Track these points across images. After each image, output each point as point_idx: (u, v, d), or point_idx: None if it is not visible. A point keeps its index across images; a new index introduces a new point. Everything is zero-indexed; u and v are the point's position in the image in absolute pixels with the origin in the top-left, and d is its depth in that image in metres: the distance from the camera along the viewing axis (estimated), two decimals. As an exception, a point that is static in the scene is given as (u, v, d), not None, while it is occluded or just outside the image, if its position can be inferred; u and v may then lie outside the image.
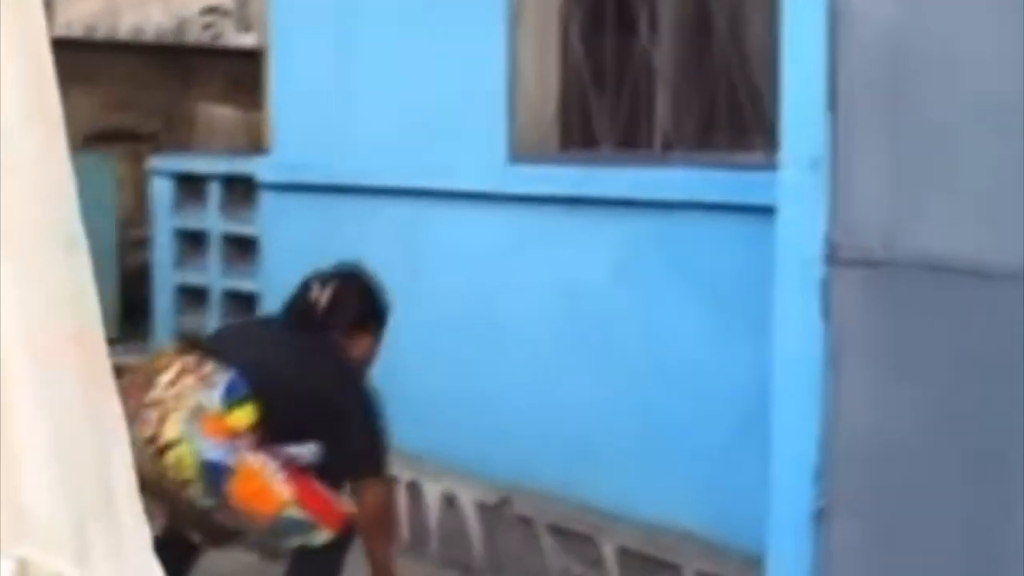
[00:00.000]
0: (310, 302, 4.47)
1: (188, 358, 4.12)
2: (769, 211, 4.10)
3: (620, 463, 5.32)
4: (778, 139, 4.04)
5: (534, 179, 5.64)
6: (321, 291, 4.48)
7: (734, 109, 5.14)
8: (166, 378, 4.03)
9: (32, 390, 1.96)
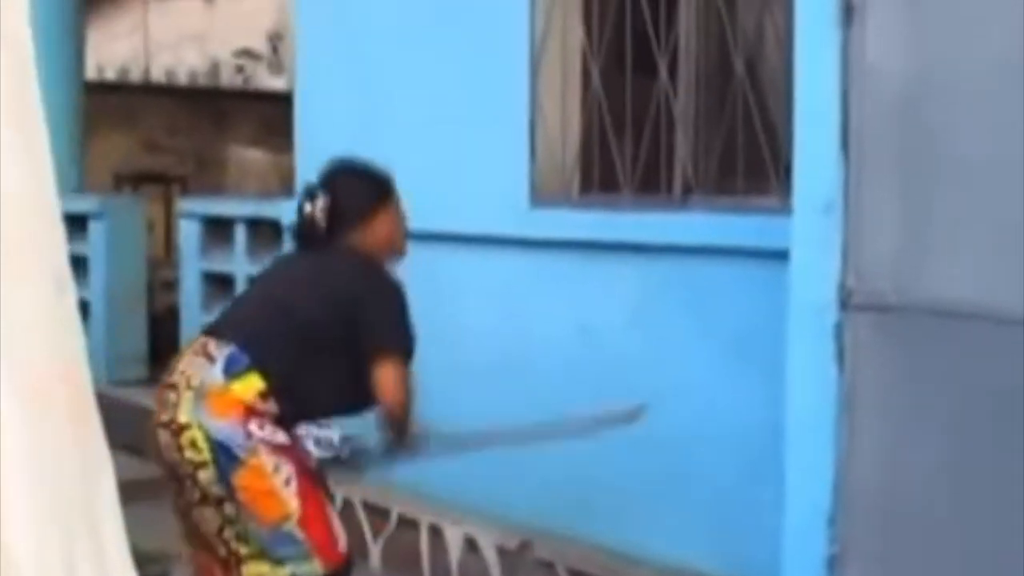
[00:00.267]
0: (309, 220, 4.36)
1: (198, 341, 4.17)
2: (784, 255, 4.11)
3: (636, 506, 5.33)
4: (793, 183, 4.06)
5: (555, 223, 5.67)
6: (313, 204, 4.36)
7: (752, 153, 5.16)
8: (182, 364, 4.10)
9: (18, 427, 1.99)
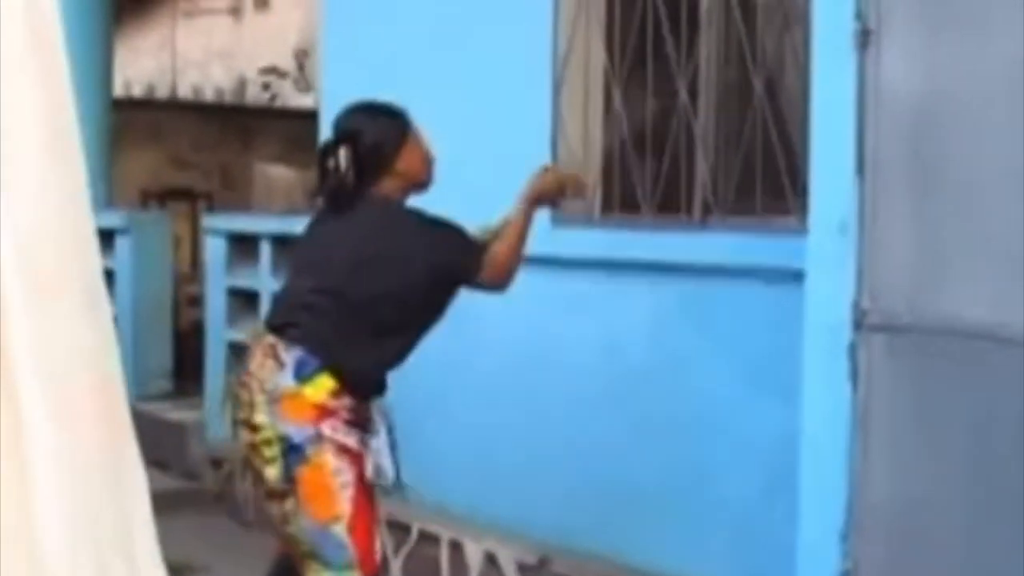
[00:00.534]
0: (338, 175, 4.38)
1: (266, 340, 4.23)
2: (801, 275, 4.16)
3: (654, 522, 5.38)
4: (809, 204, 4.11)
5: (577, 242, 5.73)
6: (337, 158, 4.38)
7: (771, 173, 5.21)
8: (254, 363, 4.20)
9: (50, 438, 2.06)
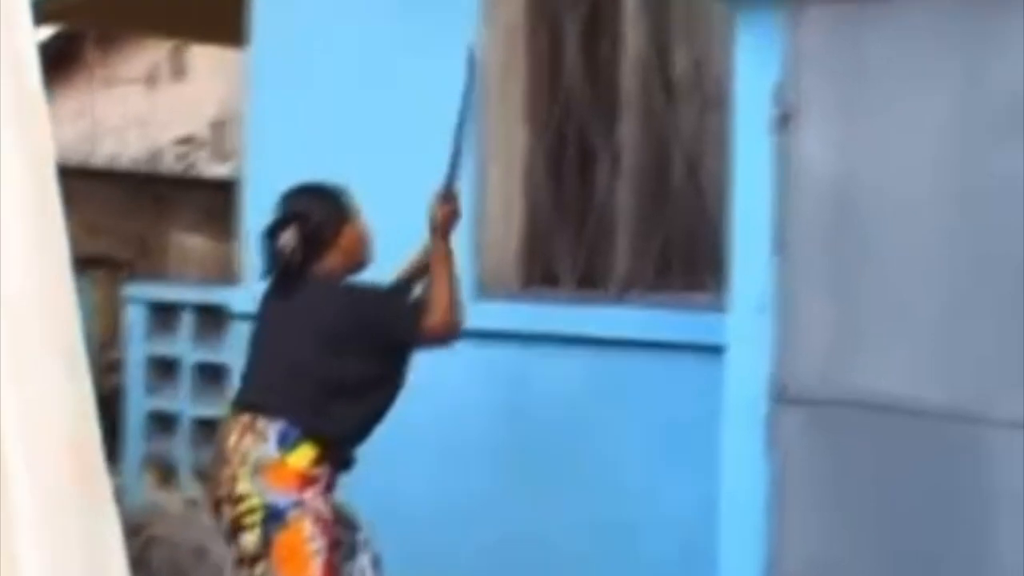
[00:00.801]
0: (284, 254, 4.54)
1: (242, 419, 4.37)
2: (718, 350, 4.30)
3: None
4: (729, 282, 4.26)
5: (498, 315, 5.83)
6: (283, 238, 4.54)
7: (689, 250, 5.36)
8: (231, 442, 4.33)
9: (28, 494, 2.14)
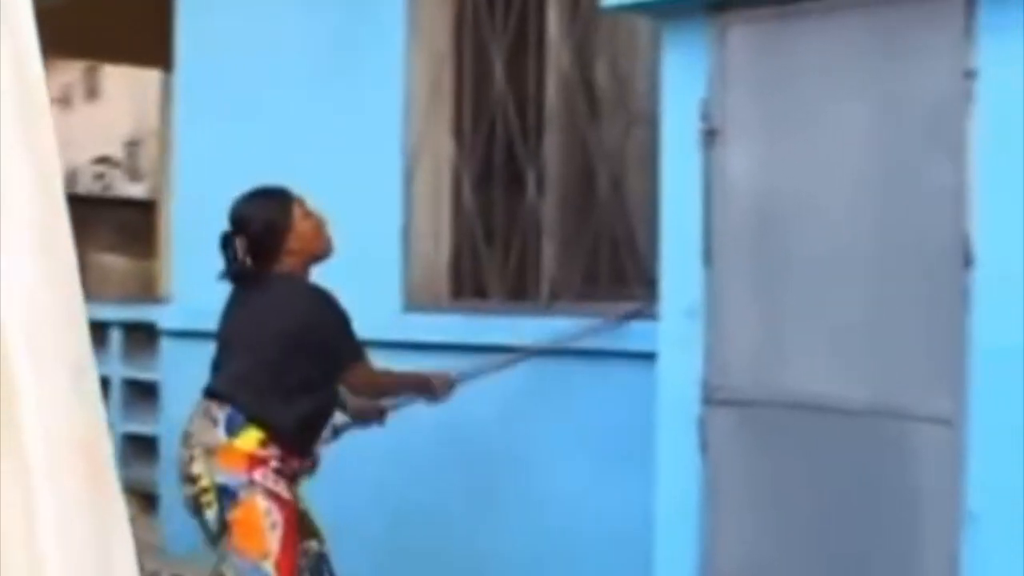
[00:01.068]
0: (236, 263, 4.83)
1: (203, 405, 4.60)
2: (647, 357, 4.47)
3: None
4: (656, 290, 4.43)
5: (427, 327, 5.97)
6: (234, 248, 4.83)
7: (615, 262, 5.52)
8: (193, 425, 4.57)
9: (41, 496, 2.27)
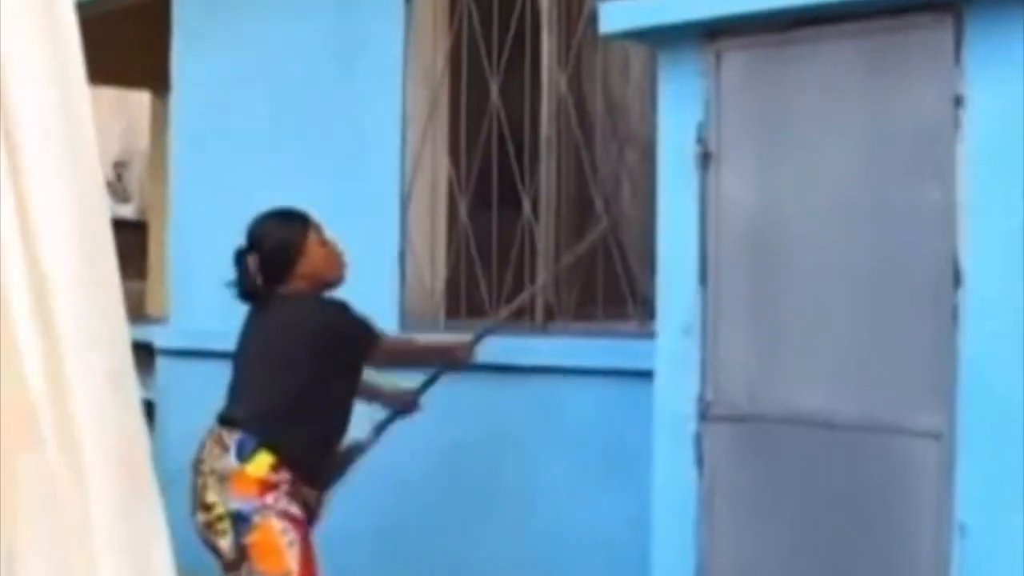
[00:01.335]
0: (247, 280, 4.87)
1: (215, 432, 4.63)
2: (642, 374, 4.56)
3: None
4: (651, 309, 4.53)
5: (424, 347, 6.03)
6: (246, 265, 4.88)
7: (610, 282, 5.61)
8: (205, 452, 4.59)
9: (78, 501, 2.35)
